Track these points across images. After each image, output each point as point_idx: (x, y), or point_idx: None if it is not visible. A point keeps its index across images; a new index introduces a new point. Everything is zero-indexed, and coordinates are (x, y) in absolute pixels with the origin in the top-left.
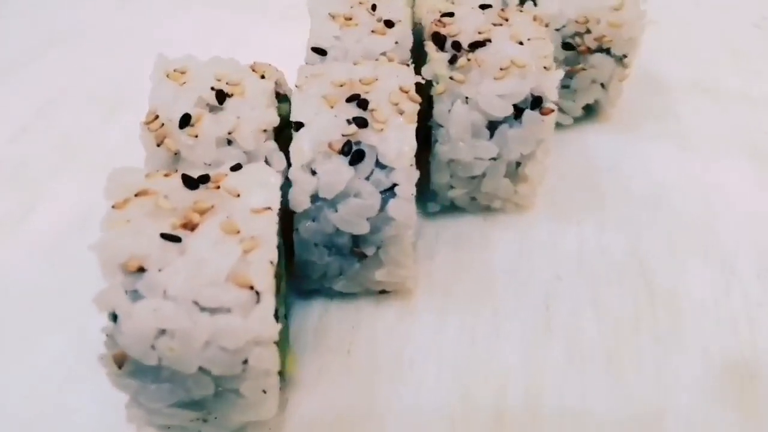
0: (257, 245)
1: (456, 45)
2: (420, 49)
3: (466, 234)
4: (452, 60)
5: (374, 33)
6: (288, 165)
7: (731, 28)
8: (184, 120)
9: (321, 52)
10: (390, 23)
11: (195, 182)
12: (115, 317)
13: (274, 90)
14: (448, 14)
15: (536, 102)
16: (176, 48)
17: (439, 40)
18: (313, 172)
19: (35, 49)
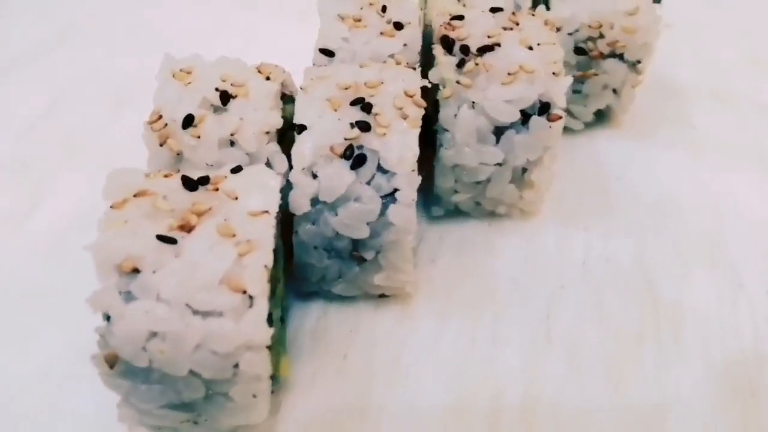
0: (253, 249)
1: (464, 49)
2: (430, 52)
3: (470, 239)
4: (460, 64)
5: (383, 35)
6: (290, 167)
7: (752, 35)
8: (187, 120)
9: (329, 54)
10: (399, 25)
11: (194, 184)
12: (109, 318)
13: (280, 91)
14: (458, 17)
15: (544, 108)
16: (187, 45)
17: (448, 44)
18: (314, 176)
19: (43, 46)
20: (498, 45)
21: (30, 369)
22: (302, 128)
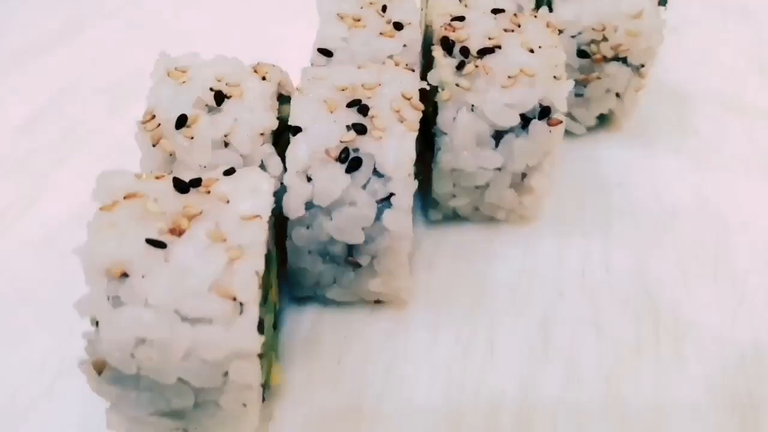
0: (244, 254)
1: (464, 51)
2: (430, 52)
3: (467, 244)
4: (460, 66)
5: (382, 35)
6: (285, 169)
7: (759, 40)
8: (181, 121)
9: (327, 54)
10: (399, 25)
11: (186, 186)
12: (97, 323)
13: (277, 91)
14: (459, 18)
15: (544, 112)
16: (188, 42)
17: (448, 45)
18: (309, 179)
19: (44, 42)
20: (499, 47)
21: (20, 369)
22: (297, 130)
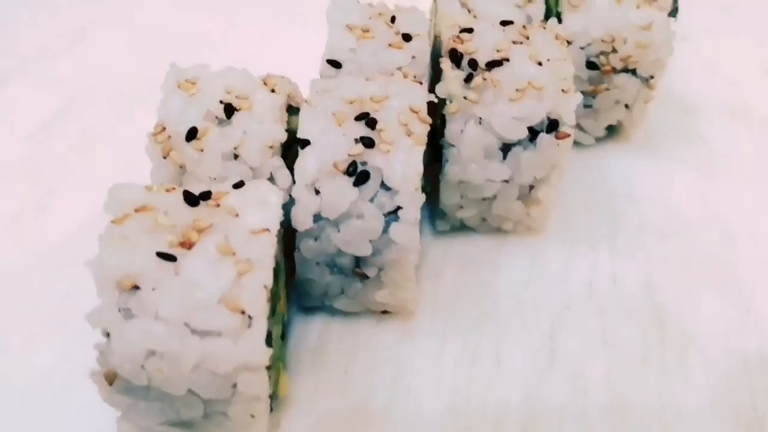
0: (252, 268)
1: (472, 63)
2: (439, 62)
3: (475, 255)
4: (468, 79)
5: (391, 46)
6: (293, 182)
7: None
8: (191, 133)
9: (336, 65)
10: (408, 37)
11: (196, 199)
12: (108, 334)
13: (286, 103)
14: (468, 30)
15: (552, 125)
16: (198, 48)
17: (456, 58)
18: (317, 192)
19: (54, 49)
20: (507, 60)
21: (31, 376)
22: (306, 143)
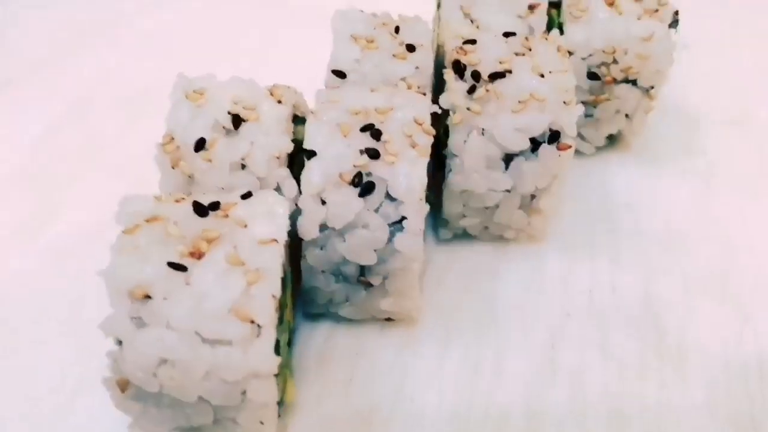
0: (261, 278)
1: (475, 75)
2: (442, 73)
3: (477, 263)
4: (471, 90)
5: (395, 57)
6: (299, 192)
7: None
8: (199, 144)
9: (341, 75)
10: (411, 47)
11: (205, 210)
12: (121, 343)
13: (292, 113)
14: (471, 41)
15: (554, 136)
16: (204, 54)
17: (459, 69)
18: (323, 202)
19: (58, 54)
20: (509, 71)
21: (42, 383)
22: (312, 154)
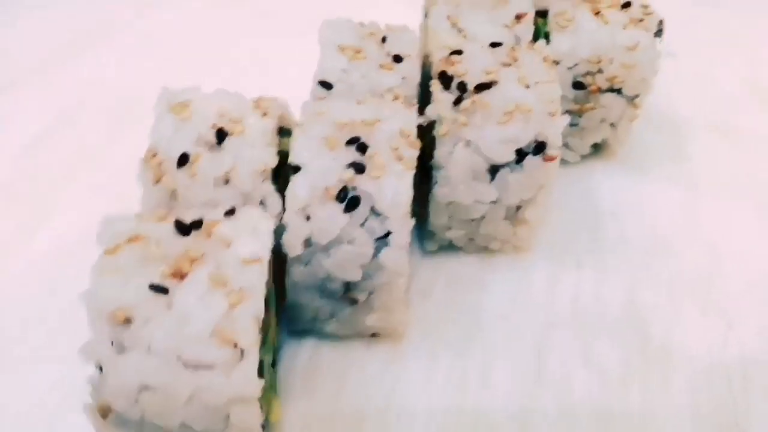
0: (244, 299)
1: (462, 86)
2: (429, 83)
3: (463, 274)
4: (457, 101)
5: (382, 68)
6: (284, 207)
7: (754, 66)
8: (183, 159)
9: (327, 86)
10: (398, 58)
11: (188, 228)
12: (101, 368)
13: (278, 125)
14: (457, 52)
15: (539, 147)
16: (193, 63)
17: (446, 80)
18: (308, 217)
19: (46, 61)
20: (495, 82)
21: (23, 403)
22: (297, 169)
